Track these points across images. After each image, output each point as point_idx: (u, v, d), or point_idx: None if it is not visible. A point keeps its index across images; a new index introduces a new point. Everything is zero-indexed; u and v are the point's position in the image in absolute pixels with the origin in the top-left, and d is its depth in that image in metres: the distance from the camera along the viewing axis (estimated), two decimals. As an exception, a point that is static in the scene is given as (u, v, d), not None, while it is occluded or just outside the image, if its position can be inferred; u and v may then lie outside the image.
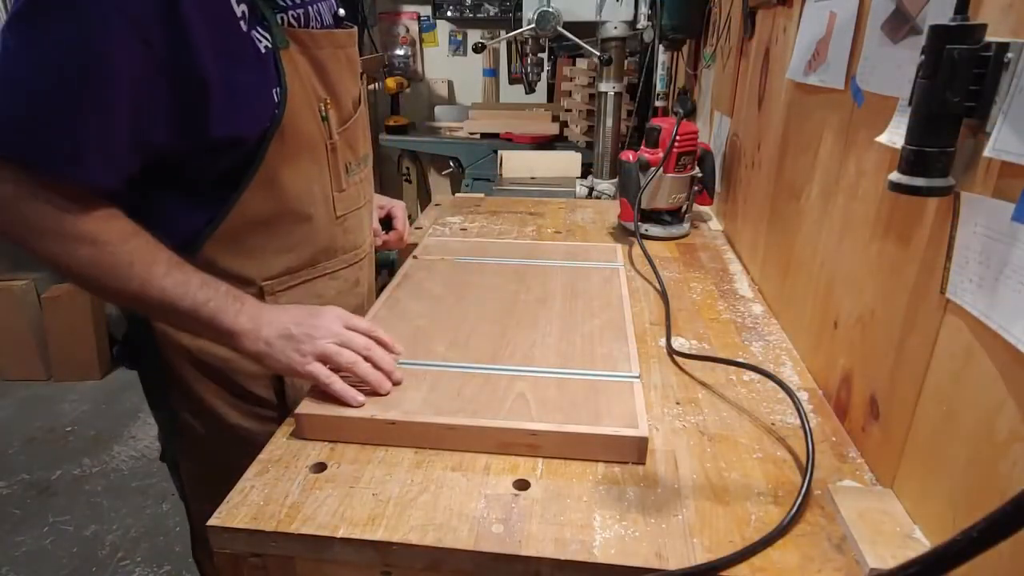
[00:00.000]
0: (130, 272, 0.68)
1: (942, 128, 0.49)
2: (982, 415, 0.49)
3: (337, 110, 0.85)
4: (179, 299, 0.70)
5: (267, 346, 0.71)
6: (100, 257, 0.67)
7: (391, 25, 3.48)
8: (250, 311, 0.73)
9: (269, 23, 0.73)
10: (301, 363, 0.70)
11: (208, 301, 0.71)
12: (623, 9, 1.69)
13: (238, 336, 0.72)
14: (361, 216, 0.95)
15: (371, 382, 0.71)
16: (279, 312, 0.75)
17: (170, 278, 0.70)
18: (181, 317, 0.71)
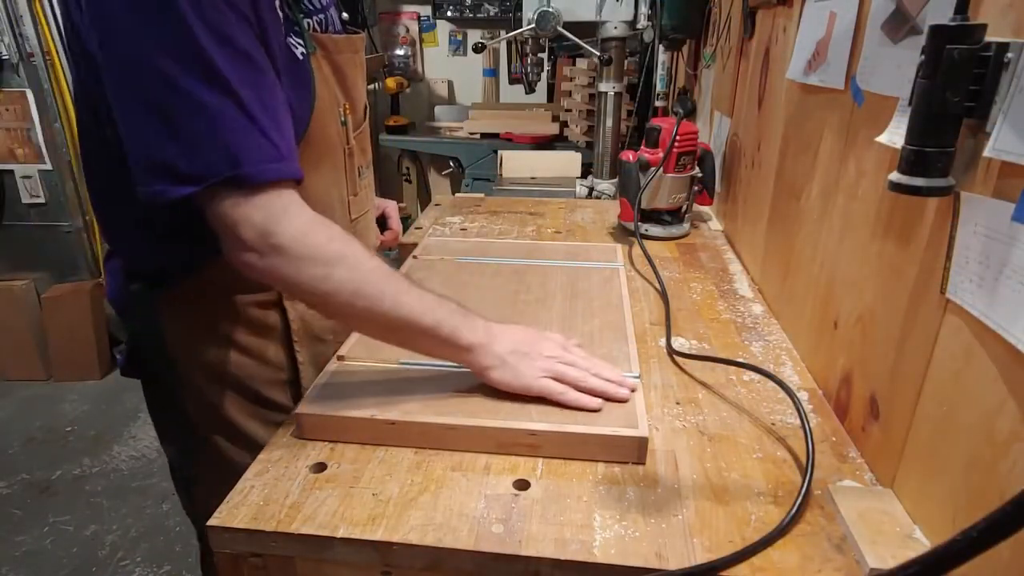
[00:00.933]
0: (383, 290, 0.67)
1: (942, 128, 0.49)
2: (982, 415, 0.49)
3: (353, 115, 0.85)
4: (422, 315, 0.69)
5: (500, 361, 0.71)
6: (355, 276, 0.66)
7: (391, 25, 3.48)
8: (483, 326, 0.73)
9: (301, 29, 0.73)
10: (534, 377, 0.71)
11: (449, 316, 0.70)
12: (623, 9, 1.69)
13: (475, 351, 0.71)
14: (368, 219, 0.96)
15: (608, 392, 0.71)
16: (508, 330, 0.75)
17: (412, 295, 0.69)
18: (420, 334, 0.70)
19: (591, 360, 0.75)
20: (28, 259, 2.75)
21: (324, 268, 0.65)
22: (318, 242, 0.65)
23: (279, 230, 0.64)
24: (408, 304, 0.68)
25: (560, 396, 0.69)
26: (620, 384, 0.72)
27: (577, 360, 0.73)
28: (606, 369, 0.74)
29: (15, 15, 2.46)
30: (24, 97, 2.57)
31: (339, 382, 0.75)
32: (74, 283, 2.74)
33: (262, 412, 0.86)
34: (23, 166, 2.66)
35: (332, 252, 0.66)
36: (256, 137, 0.62)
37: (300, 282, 0.66)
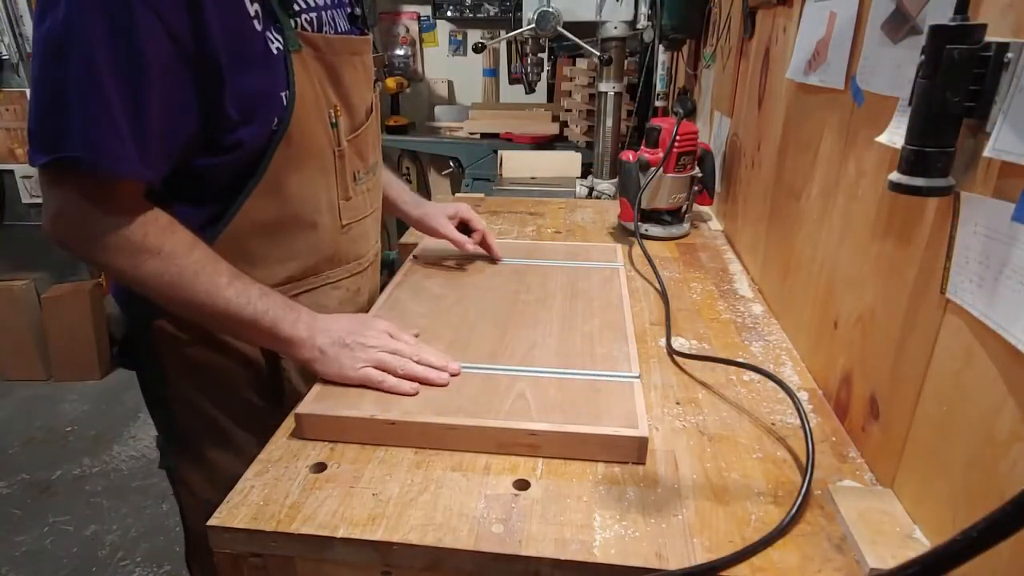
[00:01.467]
0: (196, 282, 0.70)
1: (942, 128, 0.49)
2: (982, 415, 0.49)
3: (349, 117, 0.84)
4: (242, 308, 0.72)
5: (321, 353, 0.74)
6: (167, 268, 0.69)
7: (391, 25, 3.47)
8: (306, 319, 0.75)
9: (282, 25, 0.73)
10: (353, 368, 0.73)
11: (268, 310, 0.73)
12: (623, 9, 1.69)
13: (295, 344, 0.74)
14: (367, 225, 0.94)
15: (429, 377, 0.73)
16: (331, 321, 0.77)
17: (232, 288, 0.72)
18: (241, 326, 0.73)
19: (417, 347, 0.77)
20: (28, 259, 2.75)
21: (133, 259, 0.68)
22: (134, 235, 0.68)
23: (97, 216, 0.67)
24: (225, 297, 0.71)
25: (378, 384, 0.71)
26: (442, 369, 0.74)
27: (401, 348, 0.75)
28: (432, 356, 0.76)
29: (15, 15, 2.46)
30: (24, 97, 2.57)
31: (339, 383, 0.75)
32: (74, 283, 2.74)
33: (242, 413, 0.86)
34: (23, 166, 2.66)
35: (147, 245, 0.69)
36: (109, 131, 0.64)
37: (111, 269, 0.70)
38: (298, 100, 0.75)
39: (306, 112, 0.77)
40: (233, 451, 0.85)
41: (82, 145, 0.63)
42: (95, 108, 0.63)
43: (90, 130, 0.63)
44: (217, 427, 0.86)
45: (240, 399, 0.85)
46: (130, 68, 0.63)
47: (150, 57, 0.63)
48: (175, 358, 0.83)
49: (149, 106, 0.65)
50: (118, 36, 0.62)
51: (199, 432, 0.87)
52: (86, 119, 0.63)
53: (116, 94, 0.63)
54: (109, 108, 0.63)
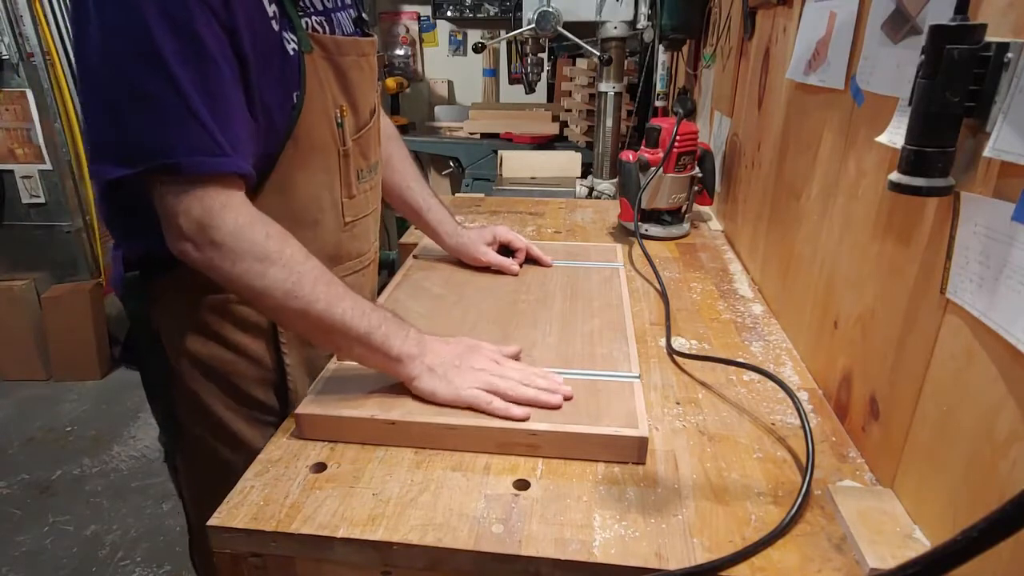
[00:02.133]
0: (315, 291, 0.68)
1: (942, 128, 0.49)
2: (982, 415, 0.49)
3: (354, 117, 0.85)
4: (357, 321, 0.70)
5: (429, 371, 0.71)
6: (288, 275, 0.67)
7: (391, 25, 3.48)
8: (415, 337, 0.73)
9: (295, 26, 0.73)
10: (463, 388, 0.70)
11: (381, 325, 0.71)
12: (623, 9, 1.70)
13: (404, 361, 0.71)
14: (368, 223, 0.95)
15: (540, 399, 0.70)
16: (439, 342, 0.75)
17: (347, 300, 0.70)
18: (350, 339, 0.70)
19: (525, 371, 0.74)
20: (28, 259, 2.75)
21: (260, 265, 0.66)
22: (255, 238, 0.67)
23: (216, 223, 0.65)
24: (341, 308, 0.69)
25: (487, 406, 0.69)
26: (553, 391, 0.71)
27: (508, 372, 0.73)
28: (540, 379, 0.73)
29: (15, 15, 2.45)
30: (24, 97, 2.57)
31: (339, 382, 0.75)
32: (74, 283, 2.74)
33: (245, 409, 0.86)
34: (23, 166, 2.66)
35: (269, 249, 0.67)
36: (195, 129, 0.63)
37: (234, 277, 0.67)
38: (307, 100, 0.76)
39: (314, 112, 0.77)
40: (235, 446, 0.85)
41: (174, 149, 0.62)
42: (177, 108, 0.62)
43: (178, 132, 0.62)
44: (220, 422, 0.86)
45: (243, 395, 0.86)
46: (199, 58, 0.63)
47: (211, 45, 0.63)
48: (178, 354, 0.84)
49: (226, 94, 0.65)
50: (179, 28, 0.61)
51: (202, 428, 0.87)
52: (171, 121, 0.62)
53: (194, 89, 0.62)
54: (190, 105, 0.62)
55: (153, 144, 0.63)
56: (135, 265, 0.81)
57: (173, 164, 0.63)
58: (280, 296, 0.67)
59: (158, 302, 0.82)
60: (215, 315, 0.82)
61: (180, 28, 0.61)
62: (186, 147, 0.63)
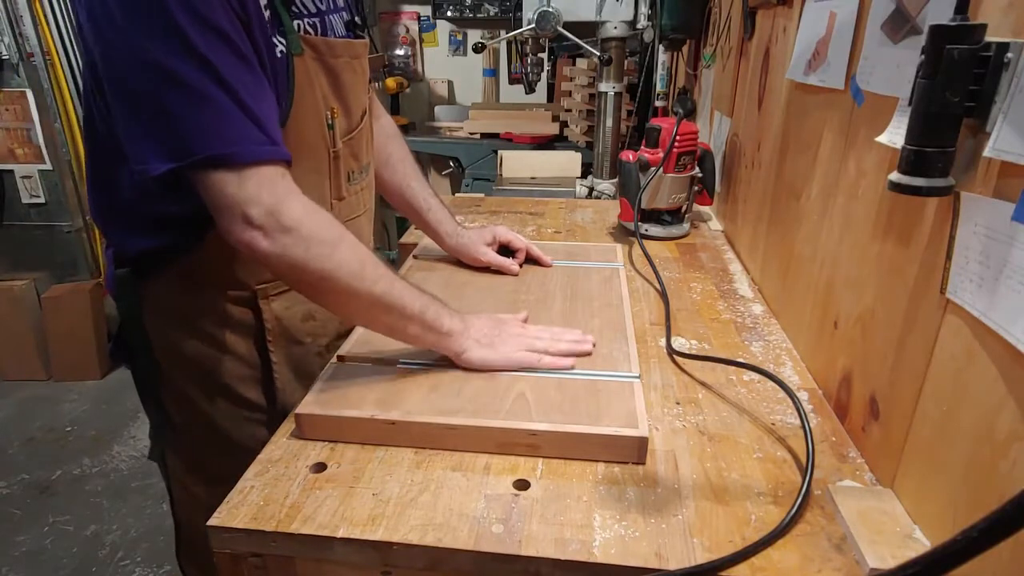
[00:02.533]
0: (376, 273, 0.71)
1: (942, 128, 0.49)
2: (982, 415, 0.49)
3: (345, 119, 0.85)
4: (412, 301, 0.74)
5: (477, 343, 0.77)
6: (357, 255, 0.70)
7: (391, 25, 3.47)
8: (457, 315, 0.78)
9: (286, 29, 0.73)
10: (511, 353, 0.77)
11: (430, 304, 0.76)
12: (623, 9, 1.69)
13: (454, 335, 0.76)
14: (360, 224, 0.95)
15: (577, 349, 0.80)
16: (476, 319, 0.80)
17: (399, 282, 0.74)
18: (406, 318, 0.73)
19: (550, 328, 0.84)
20: (28, 259, 2.75)
21: (329, 247, 0.68)
22: (321, 222, 0.68)
23: (285, 209, 0.66)
24: (399, 288, 0.73)
25: (538, 362, 0.77)
26: (583, 341, 0.81)
27: (540, 333, 0.81)
28: (567, 332, 0.82)
29: (15, 15, 2.45)
30: (24, 97, 2.57)
31: (339, 382, 0.75)
32: (74, 283, 2.74)
33: (232, 407, 0.87)
34: (23, 166, 2.66)
35: (335, 232, 0.69)
36: (242, 119, 0.64)
37: (308, 260, 0.67)
38: (296, 102, 0.76)
39: (304, 114, 0.77)
40: (223, 446, 0.85)
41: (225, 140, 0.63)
42: (220, 99, 0.62)
43: (229, 123, 0.63)
44: (208, 421, 0.86)
45: (231, 393, 0.86)
46: (232, 57, 0.63)
47: (240, 45, 0.64)
48: (167, 352, 0.84)
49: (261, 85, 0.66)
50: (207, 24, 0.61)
51: (190, 426, 0.87)
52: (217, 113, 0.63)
53: (232, 79, 0.63)
54: (234, 96, 0.63)
55: (203, 136, 0.63)
56: (126, 263, 0.81)
57: (227, 155, 0.63)
58: (346, 277, 0.69)
59: (148, 300, 0.82)
60: (201, 313, 0.82)
61: (208, 26, 0.61)
62: (239, 137, 0.64)
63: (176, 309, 0.82)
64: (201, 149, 0.63)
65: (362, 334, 0.85)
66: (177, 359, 0.84)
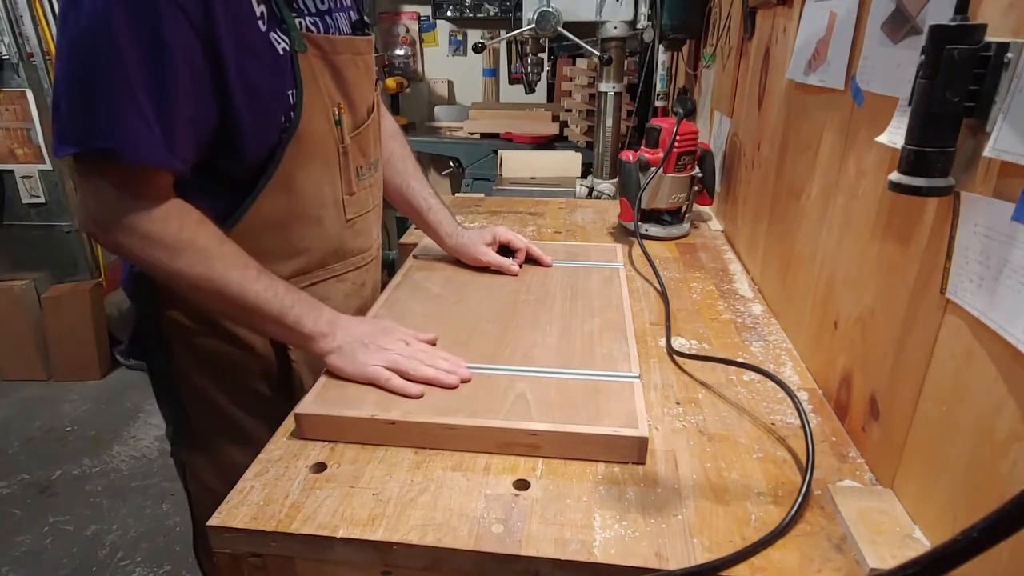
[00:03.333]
0: (228, 275, 0.72)
1: (942, 128, 0.49)
2: (982, 415, 0.49)
3: (352, 115, 0.86)
4: (269, 302, 0.74)
5: (339, 349, 0.75)
6: (201, 260, 0.71)
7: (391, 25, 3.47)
8: (328, 317, 0.77)
9: (288, 26, 0.74)
10: (366, 365, 0.74)
11: (293, 305, 0.75)
12: (623, 9, 1.69)
13: (316, 339, 0.76)
14: (369, 220, 0.96)
15: (438, 378, 0.73)
16: (353, 323, 0.79)
17: (260, 282, 0.74)
18: (266, 319, 0.75)
19: (432, 354, 0.77)
20: (28, 259, 2.75)
21: (169, 252, 0.70)
22: (170, 229, 0.70)
23: (132, 208, 0.68)
24: (255, 291, 0.73)
25: (385, 382, 0.72)
26: (451, 372, 0.74)
27: (416, 354, 0.76)
28: (442, 361, 0.76)
29: (15, 15, 2.45)
30: (24, 97, 2.57)
31: (339, 382, 0.75)
32: (74, 283, 2.74)
33: (251, 404, 0.88)
34: (23, 166, 2.66)
35: (182, 239, 0.70)
36: (135, 119, 0.65)
37: (144, 260, 0.71)
38: (305, 99, 0.77)
39: (312, 111, 0.78)
40: (243, 441, 0.86)
41: (111, 135, 0.65)
42: (122, 98, 0.64)
43: (118, 120, 0.64)
44: (227, 417, 0.87)
45: (250, 390, 0.87)
46: (155, 58, 0.64)
47: (174, 47, 0.65)
48: (186, 349, 0.85)
49: (176, 95, 0.67)
50: (142, 26, 0.63)
51: (209, 422, 0.88)
52: (114, 109, 0.64)
53: (143, 84, 0.64)
54: (136, 98, 0.64)
55: (97, 127, 0.65)
56: None
57: (108, 148, 0.65)
58: (193, 281, 0.71)
59: (166, 298, 0.83)
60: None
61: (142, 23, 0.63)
62: (123, 134, 0.65)
63: (194, 306, 0.83)
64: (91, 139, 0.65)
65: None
66: (196, 356, 0.85)
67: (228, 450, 0.88)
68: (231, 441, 0.87)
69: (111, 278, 2.79)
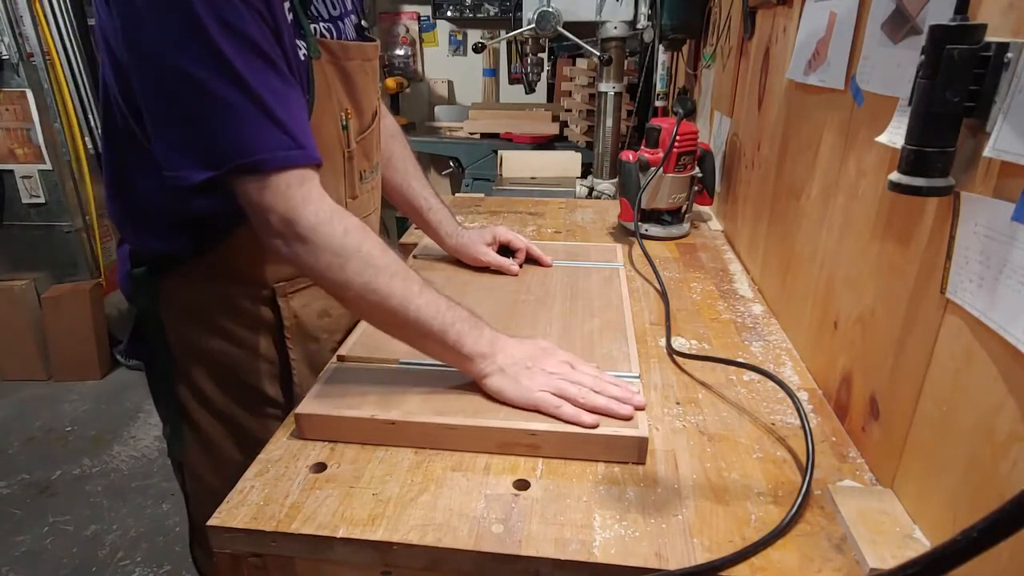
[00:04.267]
0: (392, 285, 0.69)
1: (942, 128, 0.49)
2: (982, 415, 0.49)
3: (358, 120, 0.86)
4: (432, 319, 0.70)
5: (500, 371, 0.71)
6: (366, 268, 0.68)
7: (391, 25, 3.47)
8: (488, 336, 0.73)
9: (305, 32, 0.74)
10: (531, 390, 0.69)
11: (455, 323, 0.71)
12: (623, 9, 1.70)
13: (475, 359, 0.71)
14: (370, 223, 0.96)
15: (611, 409, 0.68)
16: (513, 344, 0.74)
17: (423, 296, 0.70)
18: (425, 336, 0.71)
19: (599, 379, 0.72)
20: (28, 259, 2.75)
21: (339, 259, 0.68)
22: (335, 232, 0.68)
23: (299, 218, 0.67)
24: (416, 305, 0.70)
25: (555, 410, 0.68)
26: (625, 401, 0.69)
27: (583, 378, 0.71)
28: (613, 388, 0.71)
29: (15, 15, 2.45)
30: (24, 97, 2.57)
31: (339, 382, 0.75)
32: (74, 283, 2.74)
33: (250, 404, 0.87)
34: (23, 166, 2.66)
35: (348, 244, 0.68)
36: (267, 126, 0.65)
37: (318, 269, 0.68)
38: (316, 104, 0.77)
39: (321, 115, 0.78)
40: (241, 441, 0.86)
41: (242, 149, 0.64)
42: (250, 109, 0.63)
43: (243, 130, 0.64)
44: (226, 417, 0.87)
45: (250, 390, 0.87)
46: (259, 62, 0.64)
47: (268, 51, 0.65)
48: (185, 349, 0.85)
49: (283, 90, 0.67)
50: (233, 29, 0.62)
51: (207, 422, 0.88)
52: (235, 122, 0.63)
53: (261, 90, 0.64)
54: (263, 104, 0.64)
55: (232, 145, 0.64)
56: (144, 262, 0.82)
57: (252, 163, 0.65)
58: (358, 290, 0.69)
59: (165, 298, 0.83)
60: (220, 311, 0.83)
61: (236, 34, 0.62)
62: (262, 144, 0.65)
63: (195, 306, 0.83)
64: (229, 159, 0.64)
65: (362, 334, 0.85)
66: (195, 356, 0.85)
67: (225, 448, 0.88)
68: (229, 440, 0.87)
69: (111, 278, 2.80)
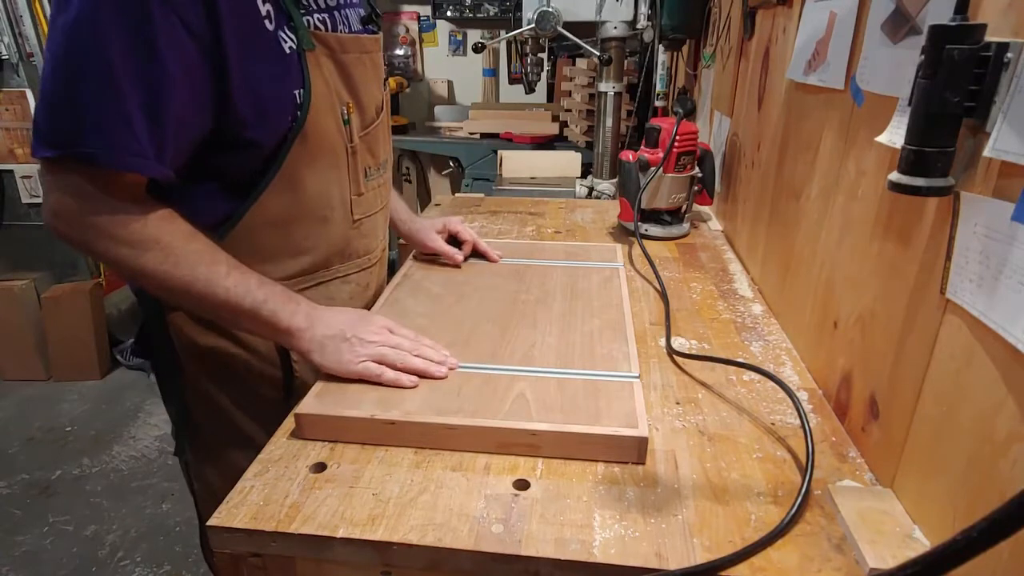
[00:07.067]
0: (195, 271, 0.71)
1: (942, 128, 0.49)
2: (982, 415, 0.49)
3: (360, 114, 0.85)
4: (241, 298, 0.72)
5: (319, 345, 0.74)
6: (166, 257, 0.70)
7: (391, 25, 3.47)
8: (305, 310, 0.76)
9: (296, 24, 0.73)
10: (353, 361, 0.73)
11: (267, 300, 0.74)
12: (623, 9, 1.70)
13: (294, 334, 0.75)
14: (376, 221, 0.96)
15: (428, 370, 0.74)
16: (332, 314, 0.77)
17: (231, 278, 0.72)
18: (240, 315, 0.74)
19: (416, 342, 0.77)
20: (28, 259, 2.75)
21: (134, 248, 0.68)
22: (135, 225, 0.68)
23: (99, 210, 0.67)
24: (225, 287, 0.72)
25: (377, 377, 0.72)
26: (441, 363, 0.75)
27: (401, 343, 0.76)
28: (430, 351, 0.77)
29: (15, 15, 2.46)
30: (24, 97, 2.57)
31: (339, 382, 0.75)
32: (74, 283, 2.74)
33: (254, 405, 0.87)
34: (23, 166, 2.66)
35: (148, 234, 0.69)
36: (123, 128, 0.64)
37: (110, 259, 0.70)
38: (313, 98, 0.76)
39: (320, 109, 0.78)
40: (245, 442, 0.86)
41: (95, 141, 0.64)
42: (111, 104, 0.63)
43: (104, 127, 0.63)
44: (230, 418, 0.87)
45: (253, 392, 0.87)
46: (147, 65, 0.63)
47: (167, 54, 0.64)
48: (189, 349, 0.84)
49: (167, 103, 0.66)
50: (135, 32, 0.62)
51: (212, 424, 0.88)
52: (100, 116, 0.63)
53: (133, 90, 0.63)
54: (125, 104, 0.63)
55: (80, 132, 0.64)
56: None
57: (91, 154, 0.64)
58: (160, 279, 0.70)
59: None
60: None
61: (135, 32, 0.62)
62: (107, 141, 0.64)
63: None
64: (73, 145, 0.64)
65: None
66: (199, 356, 0.85)
67: (231, 452, 0.87)
68: (234, 443, 0.87)
69: (111, 278, 2.80)
